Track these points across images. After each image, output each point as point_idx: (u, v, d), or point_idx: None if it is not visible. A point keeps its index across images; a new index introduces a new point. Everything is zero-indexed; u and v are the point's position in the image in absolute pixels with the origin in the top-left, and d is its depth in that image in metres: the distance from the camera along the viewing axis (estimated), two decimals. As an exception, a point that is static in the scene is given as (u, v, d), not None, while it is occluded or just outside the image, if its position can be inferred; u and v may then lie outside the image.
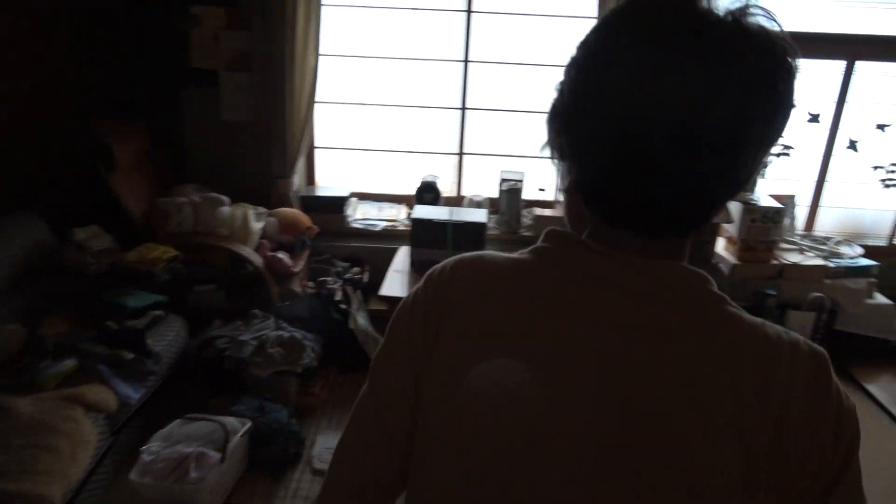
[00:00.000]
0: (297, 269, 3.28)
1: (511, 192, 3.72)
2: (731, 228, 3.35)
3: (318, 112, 3.78)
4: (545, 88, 3.82)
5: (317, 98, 3.59)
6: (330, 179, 4.13)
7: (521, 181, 3.79)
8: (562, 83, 0.66)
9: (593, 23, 0.67)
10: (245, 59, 3.48)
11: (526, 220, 3.88)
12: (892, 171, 3.62)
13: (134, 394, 2.36)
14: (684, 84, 0.57)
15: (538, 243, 0.72)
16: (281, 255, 3.22)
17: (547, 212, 3.84)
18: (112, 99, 3.43)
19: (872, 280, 3.32)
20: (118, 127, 3.17)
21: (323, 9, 3.45)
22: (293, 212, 3.55)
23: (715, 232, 3.30)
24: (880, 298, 3.37)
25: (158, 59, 3.49)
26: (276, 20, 3.32)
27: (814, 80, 3.57)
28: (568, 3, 3.63)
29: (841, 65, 3.51)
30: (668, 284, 0.65)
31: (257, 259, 3.15)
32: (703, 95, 0.57)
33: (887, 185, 3.65)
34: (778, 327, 0.65)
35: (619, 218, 0.66)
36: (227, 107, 3.55)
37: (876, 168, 3.65)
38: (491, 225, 3.78)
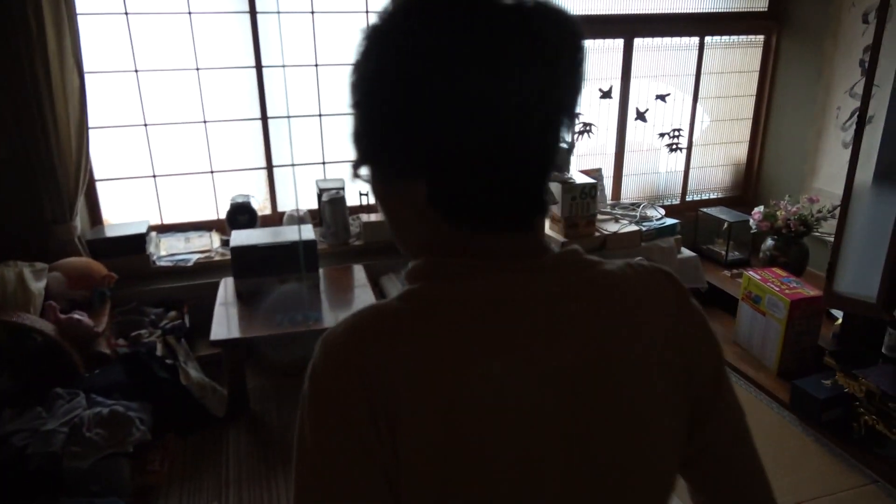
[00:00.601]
0: (101, 328, 2.76)
1: (333, 202, 3.49)
2: (554, 208, 3.46)
3: (95, 139, 3.22)
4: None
5: (90, 123, 3.05)
6: (120, 215, 3.57)
7: (342, 189, 3.58)
8: (377, 98, 0.61)
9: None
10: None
11: (354, 229, 3.68)
12: (676, 137, 4.00)
13: None
14: (526, 72, 0.57)
15: (413, 285, 0.64)
16: (78, 314, 2.69)
17: (373, 217, 3.68)
18: None
19: (678, 237, 3.65)
20: None
21: (80, 20, 2.92)
22: (82, 261, 2.99)
23: (542, 214, 3.38)
24: (686, 252, 3.71)
25: None
26: (20, 35, 2.73)
27: (601, 58, 3.81)
28: (362, -2, 3.47)
29: (620, 42, 3.78)
30: (568, 273, 0.65)
31: (47, 326, 2.59)
32: (542, 80, 0.58)
33: (672, 150, 4.03)
34: (633, 262, 0.70)
35: (492, 217, 0.63)
36: (-32, 145, 2.87)
37: (662, 135, 4.01)
38: (318, 238, 3.53)
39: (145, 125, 3.41)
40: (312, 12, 3.42)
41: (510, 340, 0.61)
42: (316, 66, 3.54)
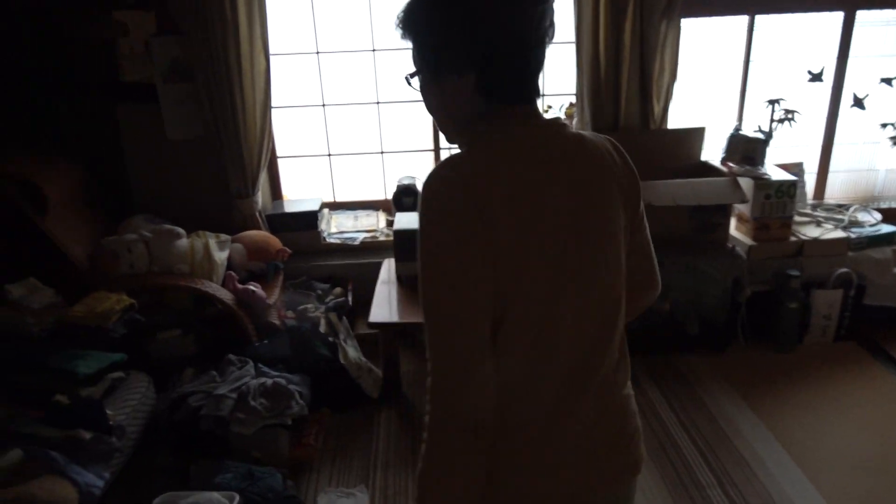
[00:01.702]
0: (272, 300, 2.91)
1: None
2: (742, 207, 3.08)
3: (277, 119, 3.39)
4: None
5: (273, 104, 3.20)
6: (297, 191, 3.75)
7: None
8: (444, 20, 0.94)
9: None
10: (183, 67, 3.06)
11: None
12: (902, 127, 3.39)
13: (98, 481, 1.99)
14: (532, 5, 0.93)
15: (473, 143, 0.99)
16: (253, 286, 2.85)
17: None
18: (33, 130, 2.99)
19: (896, 247, 3.10)
20: (44, 162, 2.75)
21: (268, 3, 3.05)
22: (261, 234, 3.17)
23: (727, 213, 3.02)
24: (905, 265, 3.14)
25: (83, 76, 3.05)
26: (215, 21, 2.90)
27: (812, 35, 3.30)
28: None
29: (839, 16, 3.24)
30: (565, 134, 1.00)
31: (226, 295, 2.77)
32: (539, 9, 0.94)
33: (896, 143, 3.42)
34: (592, 133, 1.06)
35: (519, 97, 0.98)
36: (170, 123, 3.13)
37: (884, 126, 3.40)
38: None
39: (323, 105, 3.53)
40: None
41: (546, 160, 0.96)
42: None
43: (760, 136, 3.07)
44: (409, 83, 1.02)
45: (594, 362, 1.03)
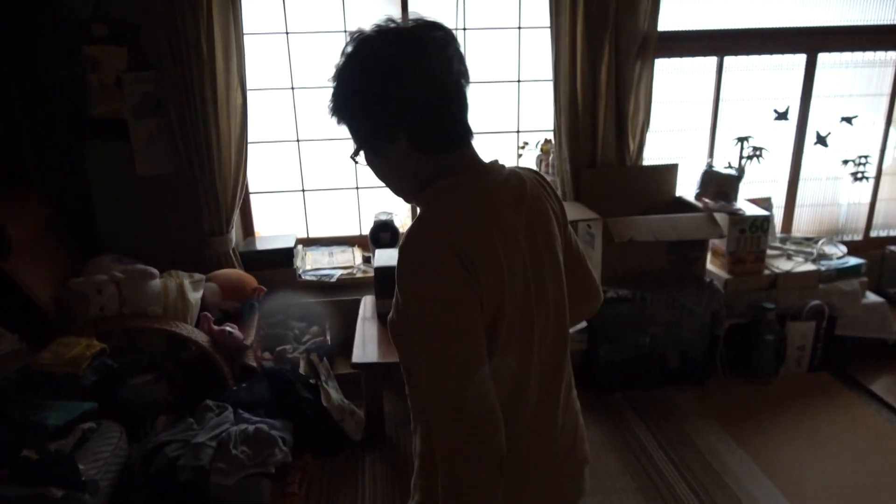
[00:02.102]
0: (249, 341, 2.81)
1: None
2: (717, 241, 3.14)
3: (251, 154, 3.32)
4: (490, 105, 3.52)
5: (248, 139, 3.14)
6: (269, 227, 3.66)
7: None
8: (367, 96, 1.01)
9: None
10: (156, 103, 2.98)
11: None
12: (861, 164, 3.53)
13: (68, 544, 1.84)
14: (448, 62, 1.01)
15: (430, 202, 1.04)
16: (229, 327, 2.74)
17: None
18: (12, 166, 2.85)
19: (863, 279, 3.19)
20: (8, 199, 2.62)
21: (245, 38, 3.01)
22: (236, 272, 3.07)
23: (704, 247, 3.07)
24: (871, 297, 3.24)
25: (50, 112, 2.93)
26: (191, 57, 2.84)
27: (778, 75, 3.43)
28: (532, 12, 3.34)
29: (802, 58, 3.39)
30: (506, 174, 1.10)
31: (201, 337, 2.66)
32: (454, 64, 1.02)
33: (857, 178, 3.56)
34: (521, 167, 1.16)
35: (453, 143, 1.05)
36: (141, 159, 3.03)
37: (845, 162, 3.55)
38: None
39: (297, 141, 3.48)
40: (466, 28, 3.34)
41: (504, 203, 1.05)
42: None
43: (733, 172, 3.16)
44: (356, 161, 1.09)
45: (560, 371, 1.16)
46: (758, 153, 3.36)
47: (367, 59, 1.00)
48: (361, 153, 1.07)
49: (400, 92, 0.98)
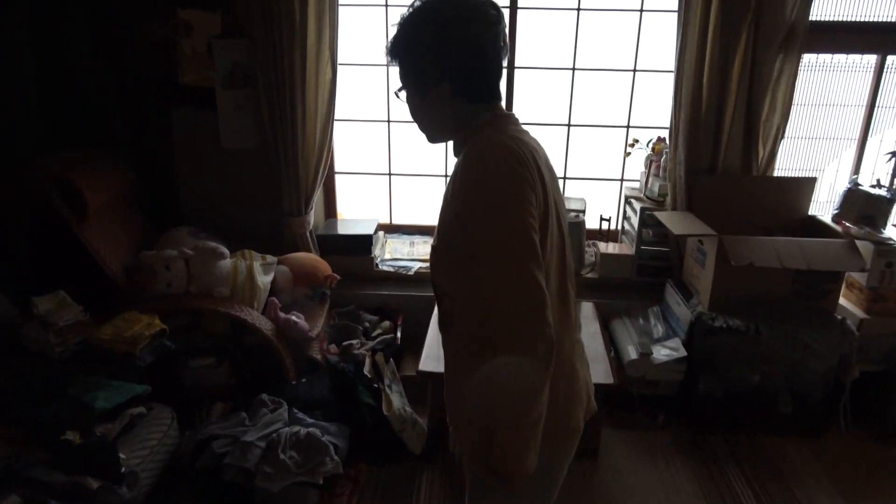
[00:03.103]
0: (315, 332, 2.65)
1: (571, 225, 3.06)
2: (856, 273, 2.67)
3: (337, 132, 3.15)
4: (598, 96, 3.17)
5: (336, 116, 2.96)
6: (352, 210, 3.51)
7: (582, 211, 3.14)
8: (424, 43, 1.19)
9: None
10: (245, 73, 2.85)
11: (589, 258, 3.22)
12: None
13: (100, 538, 1.75)
14: (493, 27, 1.19)
15: (487, 123, 1.22)
16: (295, 316, 2.60)
17: (611, 247, 3.18)
18: (83, 129, 2.82)
19: None
20: (90, 163, 2.57)
21: (341, 10, 2.81)
22: (310, 258, 2.92)
23: (839, 279, 2.61)
24: None
25: (140, 76, 2.87)
26: (283, 26, 2.68)
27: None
28: (640, -7, 2.96)
29: None
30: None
31: (265, 324, 2.53)
32: (494, 30, 1.21)
33: None
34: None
35: (489, 95, 1.24)
36: (226, 131, 2.92)
37: None
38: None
39: (388, 121, 3.28)
40: (569, 8, 2.99)
41: (534, 144, 1.23)
42: (573, 69, 3.13)
43: (884, 193, 2.66)
44: (398, 97, 1.27)
45: (573, 290, 1.30)
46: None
47: (428, 14, 1.18)
48: (404, 92, 1.26)
49: (449, 47, 1.17)
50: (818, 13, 2.76)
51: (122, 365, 2.18)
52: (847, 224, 2.68)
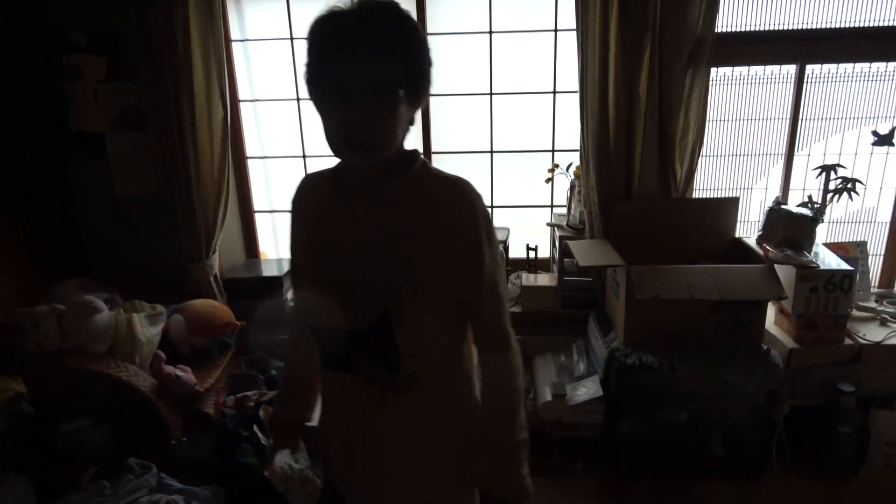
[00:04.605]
0: (206, 386, 2.50)
1: (489, 258, 2.88)
2: (786, 302, 2.47)
3: (255, 170, 3.04)
4: (521, 120, 3.02)
5: (251, 153, 2.84)
6: (279, 249, 3.38)
7: (504, 242, 2.97)
8: (425, 47, 1.09)
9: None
10: (135, 116, 2.75)
11: (512, 289, 3.04)
12: None
13: None
14: None
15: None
16: (180, 370, 2.45)
17: (533, 279, 3.00)
18: None
19: None
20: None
21: (235, 46, 2.71)
22: (207, 304, 2.78)
23: (762, 307, 2.41)
24: None
25: (30, 126, 2.78)
26: (168, 66, 2.58)
27: (878, 88, 2.69)
28: (562, 14, 2.83)
29: (916, 66, 2.63)
30: None
31: (145, 381, 2.38)
32: None
33: None
34: None
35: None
36: (120, 177, 2.82)
37: (977, 199, 2.73)
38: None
39: (304, 157, 3.16)
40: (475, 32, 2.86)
41: None
42: (490, 94, 2.99)
43: (807, 212, 2.47)
44: (398, 98, 1.04)
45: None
46: (850, 187, 2.64)
47: (402, 14, 1.05)
48: (402, 91, 1.05)
49: (420, 47, 1.06)
50: (728, 24, 2.61)
51: (-28, 434, 2.04)
52: (768, 248, 2.49)
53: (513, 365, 1.21)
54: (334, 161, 1.20)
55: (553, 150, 3.08)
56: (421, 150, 3.04)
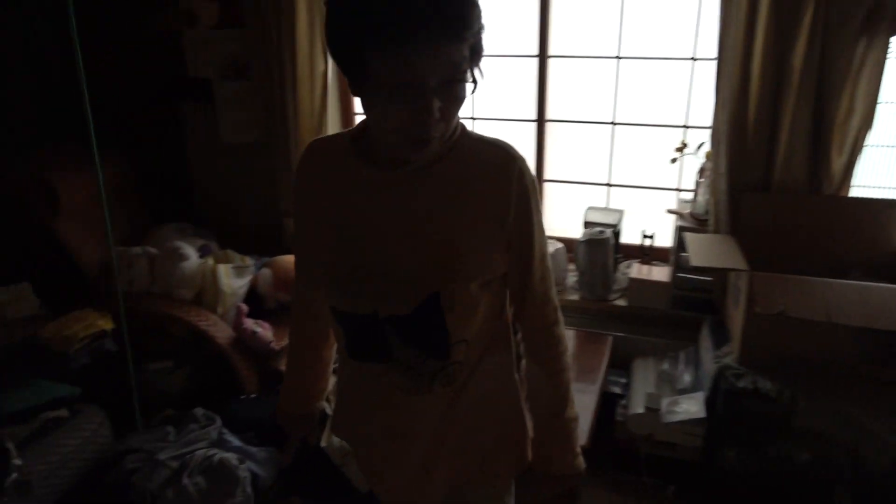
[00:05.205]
0: (280, 345, 2.47)
1: (593, 243, 2.59)
2: None
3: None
4: (651, 90, 2.65)
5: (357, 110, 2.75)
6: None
7: (614, 226, 2.65)
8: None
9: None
10: (241, 64, 2.73)
11: (620, 280, 2.72)
12: None
13: (-35, 549, 1.69)
14: None
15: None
16: (258, 326, 2.43)
17: (652, 272, 2.65)
18: (83, 123, 2.85)
19: None
20: (74, 160, 2.57)
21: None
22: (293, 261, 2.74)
23: None
24: None
25: (146, 69, 2.85)
26: (274, 15, 2.51)
27: None
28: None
29: None
30: None
31: (223, 332, 2.39)
32: None
33: None
34: None
35: None
36: (226, 125, 2.83)
37: None
38: (563, 286, 2.72)
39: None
40: (615, -14, 2.50)
41: None
42: (618, 58, 2.65)
43: None
44: (479, 75, 0.96)
45: None
46: None
47: None
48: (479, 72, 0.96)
49: (481, 17, 0.92)
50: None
51: (57, 365, 2.14)
52: (945, 267, 1.98)
53: (562, 339, 1.17)
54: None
55: (686, 126, 2.68)
56: (534, 116, 2.80)
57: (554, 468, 1.19)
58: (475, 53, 0.93)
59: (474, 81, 0.94)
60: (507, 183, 1.01)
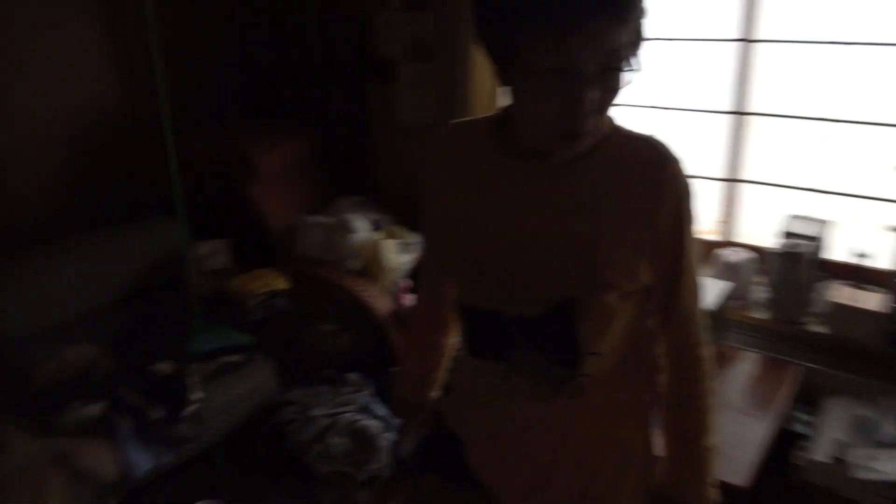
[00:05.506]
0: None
1: (790, 256, 2.27)
2: None
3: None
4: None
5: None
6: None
7: (816, 238, 2.31)
8: None
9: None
10: (423, 46, 2.78)
11: (819, 306, 2.35)
12: None
13: (145, 463, 1.94)
14: None
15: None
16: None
17: (863, 298, 2.25)
18: (276, 99, 3.12)
19: None
20: (270, 132, 2.81)
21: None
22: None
23: None
24: None
25: (337, 49, 3.02)
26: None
27: None
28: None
29: None
30: None
31: (381, 305, 2.47)
32: None
33: None
34: None
35: None
36: (404, 105, 2.90)
37: None
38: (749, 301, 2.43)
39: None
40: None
41: None
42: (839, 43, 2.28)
43: None
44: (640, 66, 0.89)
45: None
46: None
47: None
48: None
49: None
50: None
51: (238, 316, 2.37)
52: None
53: (705, 362, 1.07)
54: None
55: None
56: (732, 108, 2.50)
57: (682, 497, 1.10)
58: (636, 40, 0.86)
59: (633, 71, 0.86)
60: (659, 185, 0.94)
